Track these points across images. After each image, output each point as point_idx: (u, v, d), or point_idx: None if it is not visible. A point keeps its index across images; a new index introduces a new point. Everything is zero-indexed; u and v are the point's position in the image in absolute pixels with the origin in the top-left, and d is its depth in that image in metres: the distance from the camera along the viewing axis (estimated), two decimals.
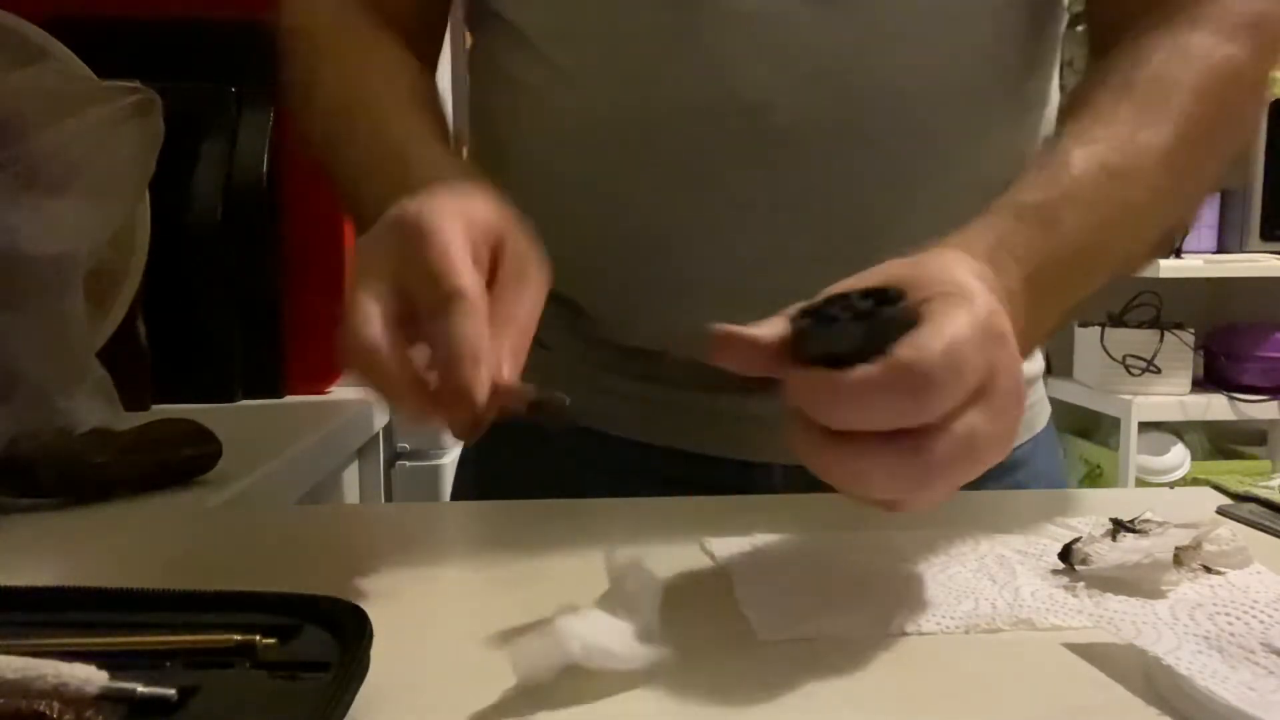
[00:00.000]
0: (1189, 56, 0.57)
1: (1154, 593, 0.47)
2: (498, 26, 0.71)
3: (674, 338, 0.70)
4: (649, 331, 0.70)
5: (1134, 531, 0.51)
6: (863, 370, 0.39)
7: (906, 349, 0.39)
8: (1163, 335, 2.62)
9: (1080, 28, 0.70)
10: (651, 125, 0.65)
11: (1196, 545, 0.50)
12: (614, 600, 0.42)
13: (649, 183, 0.66)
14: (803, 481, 0.69)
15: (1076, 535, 0.52)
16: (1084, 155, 0.53)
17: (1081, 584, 0.48)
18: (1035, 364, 0.77)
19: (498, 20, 0.70)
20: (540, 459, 0.74)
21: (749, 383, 0.56)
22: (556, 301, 0.72)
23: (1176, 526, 0.51)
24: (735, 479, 0.69)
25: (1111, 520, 0.53)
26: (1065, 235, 0.50)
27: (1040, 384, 0.79)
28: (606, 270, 0.70)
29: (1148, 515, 0.53)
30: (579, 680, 0.38)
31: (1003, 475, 0.74)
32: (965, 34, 0.65)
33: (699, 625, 0.44)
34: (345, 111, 0.67)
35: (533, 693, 0.37)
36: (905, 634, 0.44)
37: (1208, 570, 0.50)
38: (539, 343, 0.74)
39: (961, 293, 0.42)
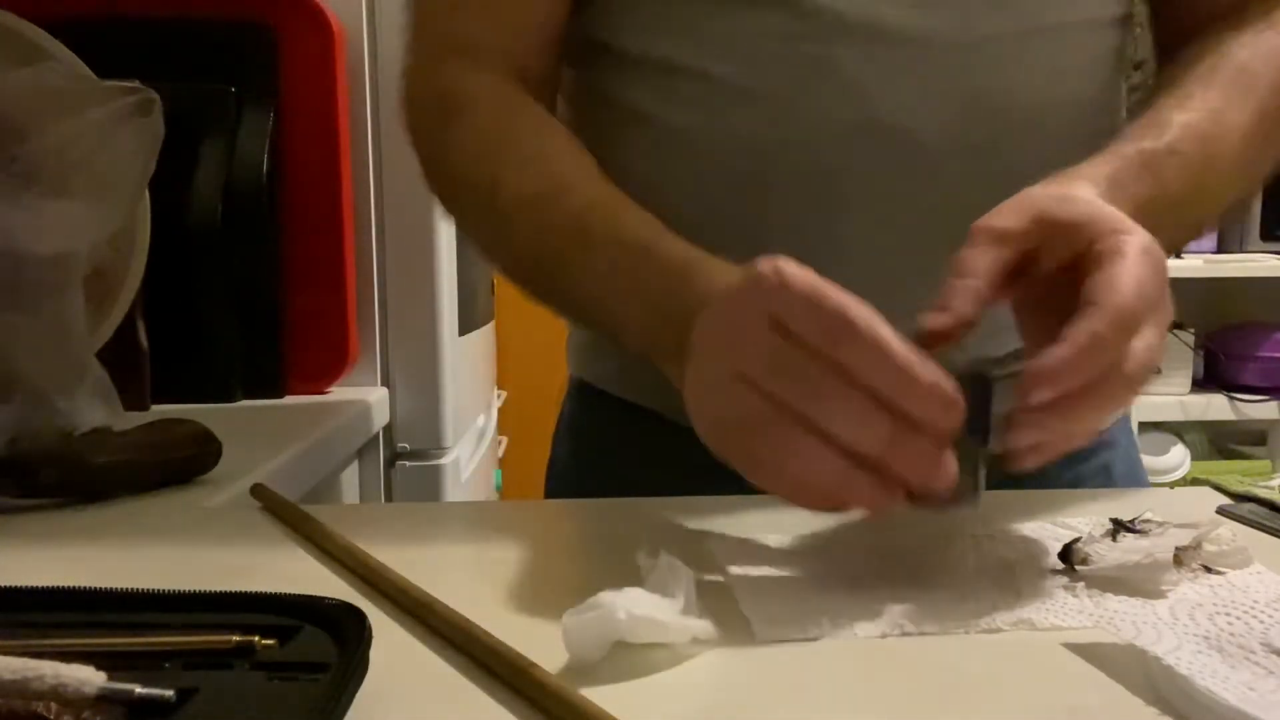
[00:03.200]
0: (1270, 55, 0.65)
1: (1154, 593, 0.47)
2: (610, 59, 0.71)
3: None
4: None
5: (1134, 531, 0.51)
6: (1085, 324, 0.46)
7: (1111, 296, 0.46)
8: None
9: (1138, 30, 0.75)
10: (791, 151, 0.66)
11: (1197, 545, 0.50)
12: (649, 588, 0.42)
13: (785, 207, 0.67)
14: None
15: (1076, 535, 0.52)
16: (1183, 120, 0.60)
17: (1081, 584, 0.48)
18: None
19: (609, 53, 0.70)
20: (657, 466, 0.73)
21: None
22: None
23: (1176, 526, 0.51)
24: None
25: (1111, 520, 0.53)
26: (1166, 184, 0.58)
27: None
28: None
29: (1148, 515, 0.53)
30: (582, 674, 0.38)
31: (1098, 451, 0.77)
32: (1084, 49, 0.69)
33: None
34: (557, 218, 0.63)
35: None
36: (905, 634, 0.44)
37: (1208, 570, 0.50)
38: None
39: (1125, 228, 0.49)
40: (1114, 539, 0.51)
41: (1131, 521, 0.52)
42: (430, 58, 0.72)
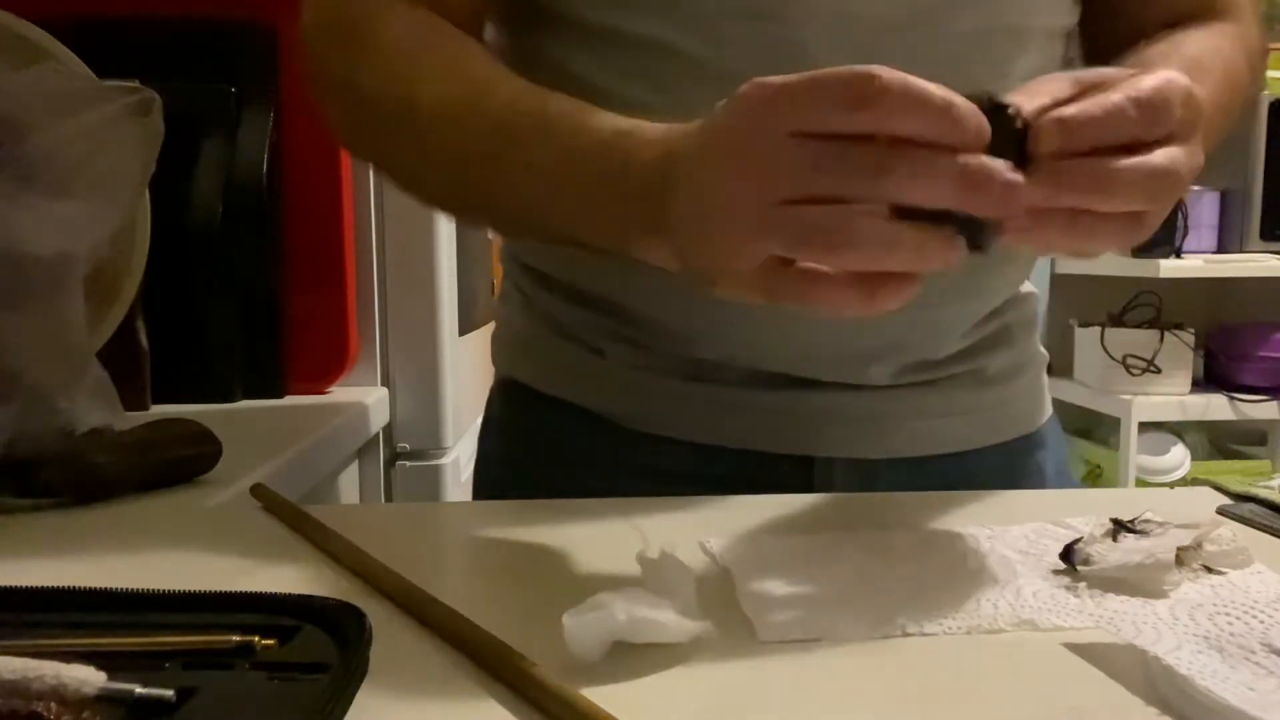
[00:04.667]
0: (1216, 53, 0.67)
1: (1155, 593, 0.47)
2: (561, 27, 0.68)
3: (748, 349, 0.70)
4: (721, 343, 0.70)
5: (1134, 532, 0.51)
6: (1104, 96, 0.45)
7: (1133, 84, 0.45)
8: (1163, 335, 2.62)
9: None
10: None
11: (1197, 545, 0.50)
12: (649, 588, 0.42)
13: None
14: (861, 476, 0.70)
15: (1078, 535, 0.52)
16: (1171, 64, 0.59)
17: (1083, 584, 0.48)
18: (1043, 355, 0.81)
19: (560, 21, 0.68)
20: (590, 467, 0.73)
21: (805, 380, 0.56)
22: (612, 311, 0.72)
23: (1177, 526, 0.51)
24: (796, 476, 0.70)
25: (1112, 520, 0.53)
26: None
27: (1044, 375, 0.82)
28: (685, 281, 0.69)
29: (1148, 515, 0.53)
30: (582, 674, 0.38)
31: (1033, 451, 0.78)
32: (1039, 54, 0.69)
33: None
34: (482, 120, 0.59)
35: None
36: (906, 634, 0.44)
37: (1209, 570, 0.50)
38: (593, 350, 0.74)
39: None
40: (1115, 539, 0.51)
41: (1132, 521, 0.52)
42: None
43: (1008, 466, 0.75)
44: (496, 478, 0.82)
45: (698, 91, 0.65)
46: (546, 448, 0.77)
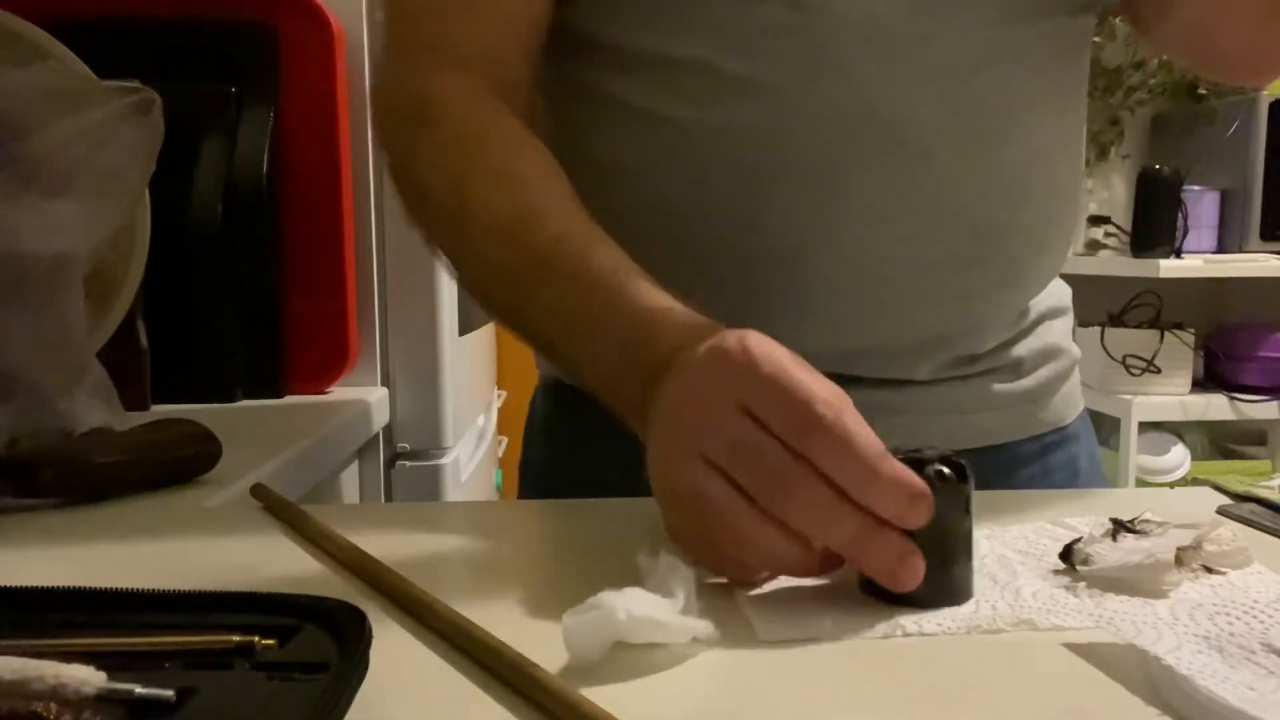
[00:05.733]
0: None
1: (1155, 593, 0.47)
2: (598, 52, 0.70)
3: (796, 346, 0.70)
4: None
5: (1134, 532, 0.51)
6: None
7: None
8: (1163, 335, 2.62)
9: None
10: (787, 140, 0.66)
11: (1197, 545, 0.50)
12: (649, 588, 0.42)
13: (782, 198, 0.67)
14: None
15: (1077, 535, 0.52)
16: None
17: (1083, 584, 0.48)
18: (1075, 351, 0.81)
19: (596, 46, 0.70)
20: (638, 466, 0.73)
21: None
22: None
23: (1177, 527, 0.51)
24: None
25: (1112, 520, 0.53)
26: None
27: (1076, 371, 0.82)
28: (731, 288, 0.69)
29: (1148, 515, 0.53)
30: (582, 674, 0.38)
31: (1065, 445, 0.78)
32: (1058, 41, 0.70)
33: None
34: (526, 248, 0.61)
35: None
36: (907, 634, 0.44)
37: (1208, 570, 0.50)
38: None
39: None
40: (1114, 539, 0.51)
41: (1131, 521, 0.52)
42: (403, 58, 0.70)
43: (1041, 460, 0.76)
44: (542, 478, 0.82)
45: (736, 107, 0.66)
46: (594, 447, 0.77)
